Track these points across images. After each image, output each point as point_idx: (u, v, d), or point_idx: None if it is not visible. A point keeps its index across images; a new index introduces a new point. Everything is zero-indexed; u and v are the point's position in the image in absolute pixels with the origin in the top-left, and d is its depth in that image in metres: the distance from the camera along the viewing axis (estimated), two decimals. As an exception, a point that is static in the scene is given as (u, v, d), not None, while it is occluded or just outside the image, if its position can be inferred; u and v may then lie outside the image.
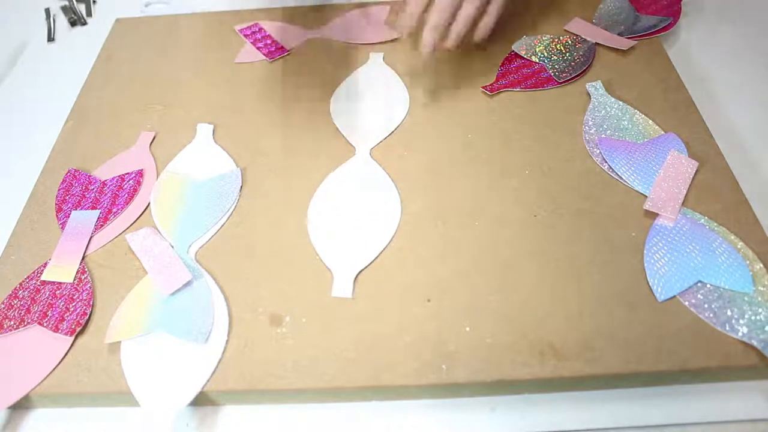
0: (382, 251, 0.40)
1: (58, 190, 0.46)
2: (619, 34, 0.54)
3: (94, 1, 0.69)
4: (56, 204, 0.45)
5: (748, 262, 0.37)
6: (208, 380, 0.35)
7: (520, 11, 0.58)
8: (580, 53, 0.53)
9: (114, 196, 0.45)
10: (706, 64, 0.54)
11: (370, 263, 0.40)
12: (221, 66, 0.56)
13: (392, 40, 0.57)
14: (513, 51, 0.54)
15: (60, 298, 0.39)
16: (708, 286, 0.37)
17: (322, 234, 0.42)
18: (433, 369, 0.35)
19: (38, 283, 0.40)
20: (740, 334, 0.34)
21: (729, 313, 0.35)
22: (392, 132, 0.48)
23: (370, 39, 0.57)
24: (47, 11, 0.67)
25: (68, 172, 0.47)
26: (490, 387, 0.35)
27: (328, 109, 0.51)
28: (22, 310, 0.39)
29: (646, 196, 0.41)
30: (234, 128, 0.50)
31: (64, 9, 0.68)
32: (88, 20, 0.67)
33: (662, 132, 0.46)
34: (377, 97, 0.51)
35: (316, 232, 0.42)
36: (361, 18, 0.59)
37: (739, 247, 0.38)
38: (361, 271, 0.39)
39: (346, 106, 0.51)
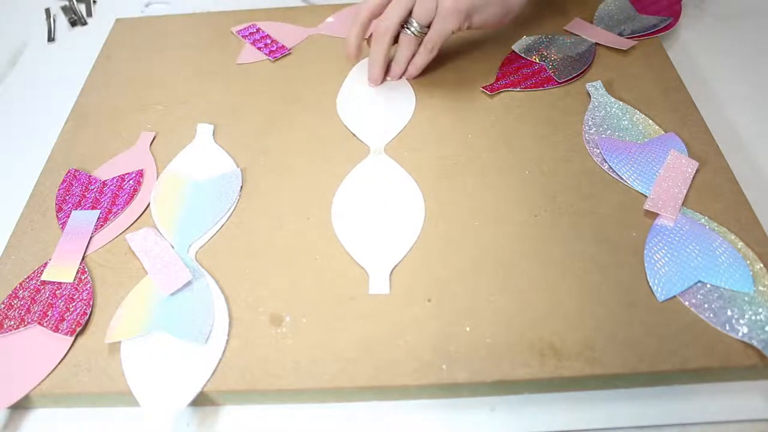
0: (414, 243, 0.40)
1: (58, 190, 0.46)
2: (619, 34, 0.54)
3: (94, 1, 0.69)
4: (56, 204, 0.45)
5: (748, 262, 0.37)
6: (208, 380, 0.35)
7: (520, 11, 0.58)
8: (580, 53, 0.53)
9: (114, 196, 0.45)
10: (706, 64, 0.54)
11: (404, 257, 0.40)
12: (221, 66, 0.56)
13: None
14: (513, 51, 0.54)
15: (60, 298, 0.39)
16: (708, 286, 0.37)
17: (351, 234, 0.41)
18: (433, 369, 0.34)
19: (38, 283, 0.40)
20: (740, 334, 0.34)
21: (729, 313, 0.35)
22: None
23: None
24: (47, 11, 0.67)
25: (68, 172, 0.47)
26: (490, 387, 0.35)
27: (333, 107, 0.51)
28: (22, 310, 0.39)
29: (646, 196, 0.41)
30: (234, 128, 0.50)
31: (64, 9, 0.68)
32: (88, 20, 0.67)
33: (662, 132, 0.46)
34: (381, 94, 0.51)
35: (345, 233, 0.41)
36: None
37: (739, 247, 0.38)
38: (395, 267, 0.39)
39: (353, 104, 0.51)
